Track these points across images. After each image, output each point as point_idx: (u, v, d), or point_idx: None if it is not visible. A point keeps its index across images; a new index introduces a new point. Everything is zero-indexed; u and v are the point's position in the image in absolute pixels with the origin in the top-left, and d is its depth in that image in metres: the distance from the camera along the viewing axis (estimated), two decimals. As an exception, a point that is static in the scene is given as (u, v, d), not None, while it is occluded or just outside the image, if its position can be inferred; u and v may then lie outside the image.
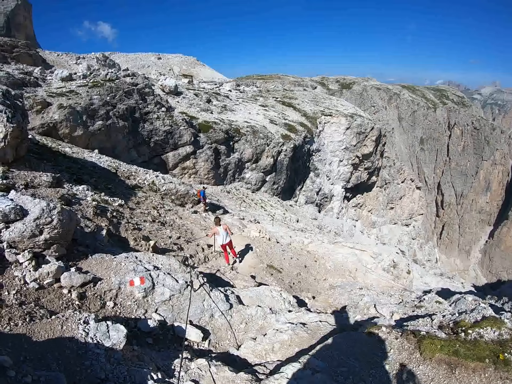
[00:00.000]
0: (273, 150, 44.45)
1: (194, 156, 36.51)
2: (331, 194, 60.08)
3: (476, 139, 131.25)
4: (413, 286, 30.38)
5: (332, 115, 58.94)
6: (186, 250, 14.46)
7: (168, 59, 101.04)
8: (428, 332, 6.21)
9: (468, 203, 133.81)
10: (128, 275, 7.22)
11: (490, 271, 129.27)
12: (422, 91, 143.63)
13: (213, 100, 49.39)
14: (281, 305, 10.16)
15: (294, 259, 20.72)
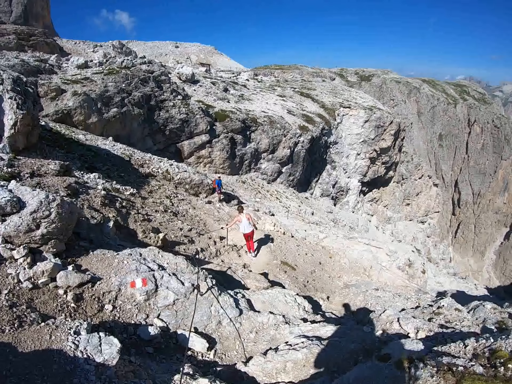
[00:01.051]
0: (290, 141, 43.82)
1: (210, 145, 36.08)
2: (347, 188, 59.29)
3: (496, 137, 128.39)
4: (427, 286, 29.83)
5: (350, 107, 57.91)
6: (197, 243, 13.97)
7: (185, 48, 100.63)
8: (466, 367, 5.29)
9: (485, 203, 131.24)
10: (130, 276, 6.68)
11: (504, 273, 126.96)
12: (442, 86, 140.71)
13: (230, 89, 48.84)
14: (295, 312, 9.53)
15: (308, 255, 20.27)
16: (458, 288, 43.98)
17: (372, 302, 16.69)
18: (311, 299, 14.01)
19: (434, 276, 48.91)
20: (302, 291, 14.99)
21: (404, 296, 18.77)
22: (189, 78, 42.89)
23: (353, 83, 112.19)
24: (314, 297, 14.88)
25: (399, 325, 9.82)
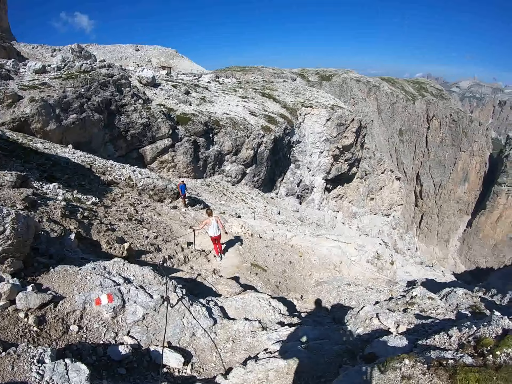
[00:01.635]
0: (253, 142, 43.72)
1: (173, 149, 35.46)
2: (312, 186, 59.76)
3: (454, 131, 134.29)
4: (397, 276, 30.33)
5: (312, 107, 58.47)
6: (164, 251, 13.58)
7: (146, 51, 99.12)
8: (455, 360, 5.20)
9: (447, 193, 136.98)
10: (94, 292, 6.26)
11: (469, 259, 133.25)
12: (401, 84, 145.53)
13: (192, 91, 48.35)
14: (271, 316, 9.32)
15: (278, 255, 20.23)
16: (426, 276, 44.87)
17: (345, 297, 16.75)
18: (285, 300, 13.89)
19: (402, 266, 49.83)
20: (275, 293, 14.86)
21: (377, 289, 18.95)
22: (150, 81, 42.18)
23: (314, 82, 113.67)
24: (288, 297, 14.78)
25: (378, 321, 9.69)
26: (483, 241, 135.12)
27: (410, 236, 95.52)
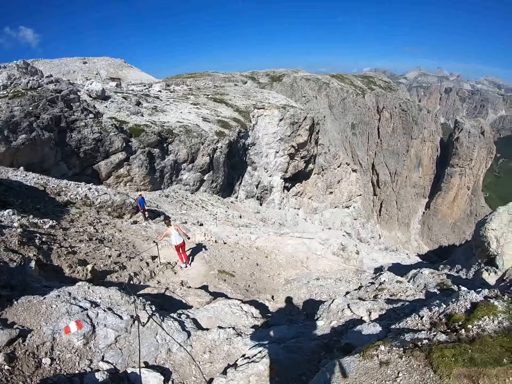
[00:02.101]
0: (208, 148, 43.56)
1: (128, 162, 34.76)
2: (271, 186, 60.06)
3: (404, 120, 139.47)
4: (364, 264, 31.00)
5: (264, 108, 58.89)
6: (129, 268, 13.41)
7: (94, 63, 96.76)
8: (430, 339, 5.43)
9: (402, 180, 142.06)
10: (62, 320, 6.11)
11: (431, 239, 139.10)
12: (350, 79, 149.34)
13: (143, 102, 47.68)
14: (244, 321, 9.33)
15: (244, 258, 20.31)
16: (392, 261, 45.98)
17: (316, 292, 16.96)
18: (257, 303, 13.97)
19: (368, 254, 50.95)
20: (245, 297, 14.92)
21: (345, 279, 19.31)
22: (100, 94, 41.21)
23: (265, 84, 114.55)
24: (259, 299, 14.85)
25: (351, 311, 9.82)
26: (442, 221, 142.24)
27: (372, 225, 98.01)
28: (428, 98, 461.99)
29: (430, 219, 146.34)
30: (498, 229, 32.99)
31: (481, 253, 33.57)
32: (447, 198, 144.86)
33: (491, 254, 31.57)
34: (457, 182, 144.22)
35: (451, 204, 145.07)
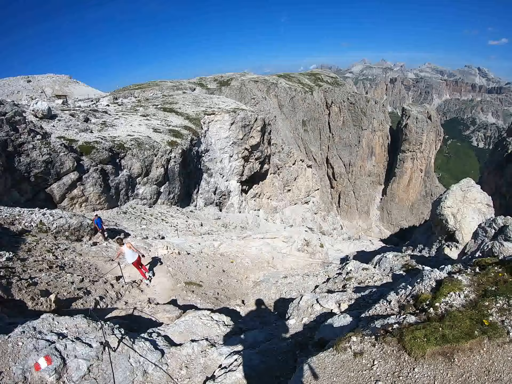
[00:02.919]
0: (162, 159, 43.12)
1: (81, 182, 33.78)
2: (228, 191, 60.10)
3: (353, 112, 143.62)
4: (329, 256, 31.56)
5: (215, 114, 58.88)
6: (94, 292, 13.25)
7: (39, 81, 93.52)
8: (400, 323, 5.62)
9: (357, 170, 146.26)
10: (30, 357, 6.01)
11: (391, 223, 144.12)
12: (297, 78, 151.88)
13: (91, 118, 46.60)
14: (216, 330, 9.37)
15: (210, 267, 20.36)
16: (357, 249, 46.76)
17: (285, 290, 17.21)
18: (228, 310, 14.05)
19: (332, 246, 51.67)
20: (216, 305, 14.98)
21: (313, 273, 19.64)
22: (46, 114, 39.75)
23: (213, 89, 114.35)
24: (230, 306, 14.94)
25: (320, 306, 10.00)
26: (400, 204, 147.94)
27: (332, 217, 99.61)
28: (374, 90, 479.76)
29: (388, 204, 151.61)
30: (453, 206, 34.36)
31: (440, 230, 34.80)
32: (402, 183, 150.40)
33: (450, 230, 32.81)
34: (410, 166, 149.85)
35: (407, 187, 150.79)
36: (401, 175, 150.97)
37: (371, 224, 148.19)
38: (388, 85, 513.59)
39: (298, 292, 16.43)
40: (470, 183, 37.44)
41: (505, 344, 4.80)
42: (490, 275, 6.38)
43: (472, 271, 6.82)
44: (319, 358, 5.32)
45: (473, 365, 4.67)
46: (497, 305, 5.45)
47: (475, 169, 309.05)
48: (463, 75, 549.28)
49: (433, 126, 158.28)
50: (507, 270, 6.41)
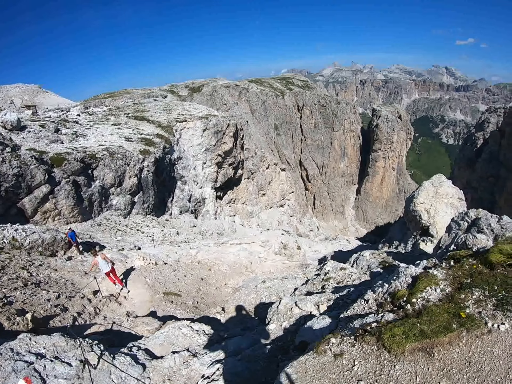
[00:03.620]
0: (135, 169, 42.74)
1: (53, 195, 33.11)
2: (203, 198, 59.92)
3: (324, 115, 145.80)
4: (307, 258, 31.81)
5: (187, 120, 58.78)
6: (72, 309, 13.08)
7: (7, 91, 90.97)
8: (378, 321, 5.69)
9: (331, 171, 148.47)
10: (10, 380, 5.92)
11: (367, 221, 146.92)
12: (268, 82, 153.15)
13: (62, 128, 45.76)
14: (197, 340, 9.35)
15: (188, 275, 20.34)
16: (334, 249, 47.13)
17: (265, 294, 17.28)
18: (208, 318, 14.07)
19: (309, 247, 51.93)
20: (196, 314, 14.98)
21: (292, 276, 19.81)
22: (15, 125, 38.73)
23: (185, 96, 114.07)
24: (210, 314, 14.95)
25: (299, 309, 10.08)
26: (374, 203, 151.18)
27: (308, 218, 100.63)
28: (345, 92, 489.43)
29: (363, 203, 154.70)
30: (426, 201, 35.11)
31: (415, 226, 35.47)
32: (375, 181, 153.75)
33: (424, 225, 33.50)
34: (382, 165, 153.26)
35: (380, 186, 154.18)
36: (374, 174, 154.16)
37: (347, 223, 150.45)
38: (358, 87, 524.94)
39: (277, 296, 16.54)
40: (441, 179, 38.33)
41: (484, 335, 4.91)
42: (465, 268, 6.55)
43: (447, 265, 6.98)
44: (300, 362, 5.33)
45: (453, 358, 4.77)
46: (473, 297, 5.59)
47: (446, 165, 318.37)
48: (431, 75, 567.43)
49: (403, 125, 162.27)
50: (481, 261, 6.60)
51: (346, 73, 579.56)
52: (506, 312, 5.25)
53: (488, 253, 6.80)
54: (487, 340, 4.87)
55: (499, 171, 70.87)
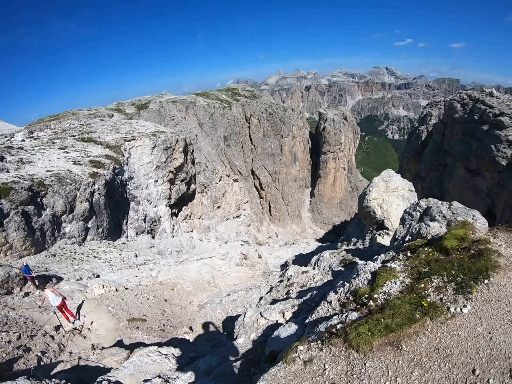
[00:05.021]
0: (86, 193, 41.64)
1: (2, 228, 31.61)
2: (158, 216, 59.07)
3: (272, 122, 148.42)
4: (269, 265, 32.06)
5: (135, 139, 57.89)
6: (35, 348, 12.75)
7: None
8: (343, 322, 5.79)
9: (283, 177, 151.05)
10: None
11: (324, 222, 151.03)
12: (215, 94, 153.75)
13: (7, 156, 44.09)
14: (167, 365, 9.32)
15: (151, 298, 20.12)
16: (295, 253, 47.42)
17: (231, 308, 17.39)
18: (176, 339, 14.02)
19: (270, 254, 52.08)
20: (164, 337, 14.89)
21: (255, 286, 20.03)
22: None
23: (132, 114, 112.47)
24: (178, 335, 14.90)
25: (265, 319, 10.24)
26: (328, 203, 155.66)
27: (266, 226, 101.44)
28: (291, 98, 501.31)
29: (318, 204, 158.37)
30: (378, 197, 36.16)
31: (370, 221, 36.37)
32: (328, 182, 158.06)
33: (379, 219, 34.42)
34: (333, 166, 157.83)
35: (333, 186, 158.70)
36: (325, 176, 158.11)
37: (305, 226, 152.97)
38: (304, 93, 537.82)
39: (243, 308, 16.68)
40: (390, 173, 39.57)
41: (448, 320, 5.17)
42: (422, 257, 6.87)
43: (404, 256, 7.29)
44: (271, 374, 5.37)
45: (421, 347, 4.96)
46: (433, 284, 5.89)
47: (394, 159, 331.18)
48: (373, 76, 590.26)
49: (350, 126, 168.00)
50: (436, 249, 6.95)
51: (291, 80, 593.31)
52: (467, 294, 5.56)
53: (442, 240, 7.14)
54: (452, 325, 5.12)
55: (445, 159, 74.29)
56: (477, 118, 61.83)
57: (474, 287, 5.78)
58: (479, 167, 61.56)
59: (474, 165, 63.06)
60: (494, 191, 56.13)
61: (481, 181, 61.28)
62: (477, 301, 5.54)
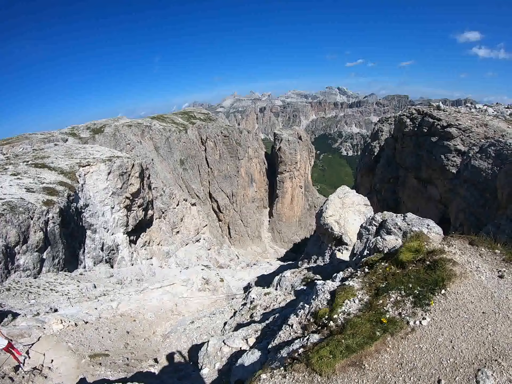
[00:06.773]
0: (40, 222, 40.14)
1: None
2: (116, 244, 57.62)
3: (228, 145, 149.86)
4: (232, 288, 31.88)
5: (90, 164, 56.72)
6: (-6, 395, 12.21)
7: None
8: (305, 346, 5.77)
9: (241, 199, 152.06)
10: None
11: (284, 241, 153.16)
12: (171, 118, 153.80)
13: (-51, 188, 42.36)
14: None
15: (112, 331, 19.61)
16: (257, 274, 47.48)
17: (195, 336, 17.15)
18: (142, 374, 13.74)
19: (233, 277, 51.92)
20: (128, 371, 14.49)
21: (219, 311, 19.88)
22: None
23: (87, 138, 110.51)
24: (143, 369, 14.58)
25: (228, 347, 10.20)
26: (287, 222, 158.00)
27: (226, 248, 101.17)
28: (246, 120, 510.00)
29: (277, 224, 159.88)
30: (335, 213, 36.77)
31: (328, 238, 36.80)
32: (285, 201, 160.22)
33: (337, 236, 34.93)
34: (289, 185, 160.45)
35: (290, 205, 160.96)
36: (283, 195, 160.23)
37: (265, 246, 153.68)
38: (258, 114, 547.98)
39: (208, 335, 16.53)
40: (345, 190, 40.40)
41: (408, 334, 5.28)
42: (379, 272, 7.01)
43: (362, 273, 7.42)
44: None
45: (384, 364, 5.03)
46: (391, 299, 6.01)
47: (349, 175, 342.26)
48: (325, 96, 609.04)
49: (305, 145, 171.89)
50: (393, 263, 7.12)
51: (246, 102, 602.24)
52: (425, 306, 5.72)
53: (398, 253, 7.34)
54: (413, 338, 5.23)
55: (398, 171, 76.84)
56: (426, 130, 64.82)
57: (431, 299, 5.96)
58: (430, 177, 64.31)
59: (425, 175, 65.86)
60: (446, 197, 58.45)
61: (433, 189, 63.99)
62: (435, 312, 5.71)
